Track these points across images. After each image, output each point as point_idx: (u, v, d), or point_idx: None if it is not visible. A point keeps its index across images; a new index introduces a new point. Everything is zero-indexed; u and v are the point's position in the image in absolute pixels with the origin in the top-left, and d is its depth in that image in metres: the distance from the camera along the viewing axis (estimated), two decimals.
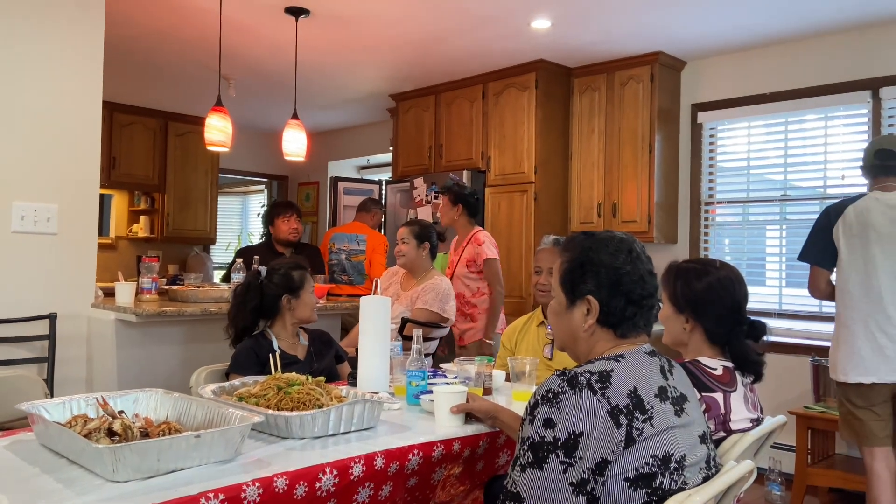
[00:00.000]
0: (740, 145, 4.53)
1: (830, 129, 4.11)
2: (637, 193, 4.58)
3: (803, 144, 4.24)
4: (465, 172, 5.06)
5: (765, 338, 1.91)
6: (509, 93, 4.96)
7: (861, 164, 2.94)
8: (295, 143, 3.98)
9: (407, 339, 2.90)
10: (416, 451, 1.68)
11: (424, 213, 5.23)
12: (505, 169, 4.99)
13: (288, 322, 2.52)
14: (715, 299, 1.86)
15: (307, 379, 1.84)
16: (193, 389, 2.38)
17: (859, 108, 3.98)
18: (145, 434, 1.48)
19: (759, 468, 3.86)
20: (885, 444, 2.84)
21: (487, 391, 2.26)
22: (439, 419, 1.86)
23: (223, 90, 5.01)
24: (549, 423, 1.28)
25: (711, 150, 4.65)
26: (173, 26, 4.23)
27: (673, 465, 1.31)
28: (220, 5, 3.75)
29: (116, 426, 1.47)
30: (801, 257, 3.01)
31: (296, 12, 3.86)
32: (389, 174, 6.28)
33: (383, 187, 6.70)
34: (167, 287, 3.66)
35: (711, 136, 4.65)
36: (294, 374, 1.88)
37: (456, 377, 2.32)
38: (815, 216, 2.96)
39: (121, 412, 1.61)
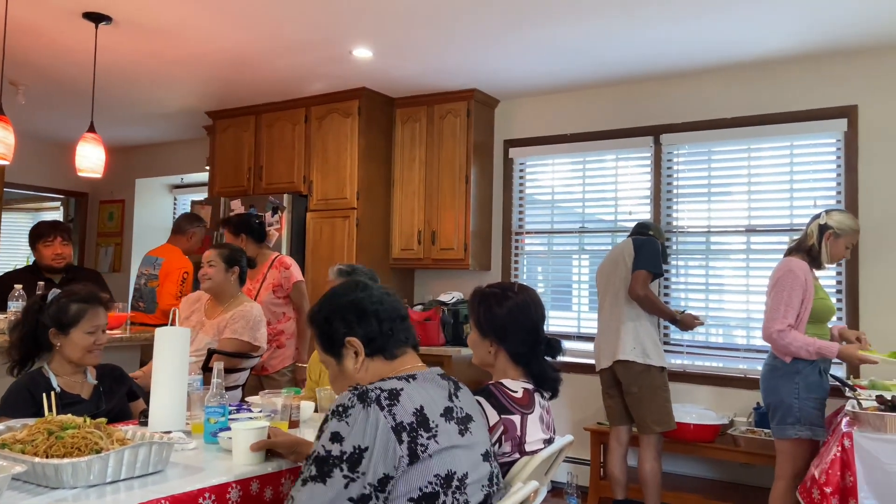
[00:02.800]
0: (546, 180, 4.89)
1: (621, 168, 4.57)
2: (455, 222, 4.76)
3: (599, 182, 4.67)
4: (286, 196, 4.95)
5: (560, 356, 2.07)
6: (332, 118, 4.96)
7: None
8: (90, 159, 3.65)
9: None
10: (207, 495, 1.59)
11: None
12: (328, 194, 4.96)
13: (66, 358, 2.27)
14: (515, 323, 1.98)
15: (85, 420, 1.67)
16: None
17: (644, 152, 4.46)
18: None
19: (558, 483, 4.13)
20: (620, 423, 3.59)
21: (294, 424, 2.20)
22: (237, 457, 1.78)
23: (10, 96, 4.51)
24: (336, 437, 1.32)
25: (521, 184, 4.97)
26: None
27: (455, 483, 1.37)
28: (6, 5, 3.38)
29: None
30: None
31: (96, 18, 3.57)
32: (205, 194, 5.97)
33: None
34: None
35: (521, 170, 4.97)
36: (70, 415, 1.70)
37: (261, 411, 2.23)
38: (608, 247, 3.41)
39: None
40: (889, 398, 2.50)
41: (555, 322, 4.70)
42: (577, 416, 4.45)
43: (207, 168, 5.79)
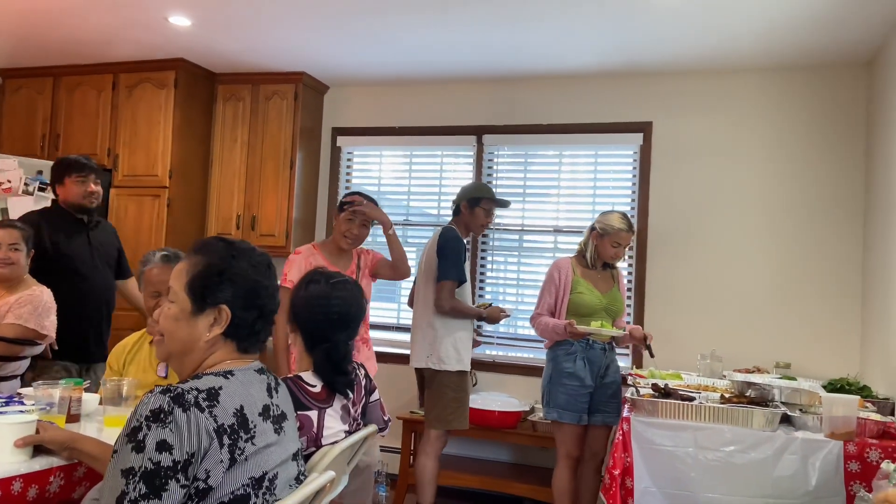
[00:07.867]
0: (373, 171, 4.89)
1: (446, 165, 4.70)
2: (277, 208, 4.61)
3: (425, 176, 4.76)
4: None
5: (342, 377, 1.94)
6: (144, 88, 4.58)
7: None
8: None
9: None
10: None
11: (22, 205, 4.43)
12: (136, 170, 4.58)
13: None
14: (309, 312, 1.93)
15: None
16: None
17: (467, 150, 4.62)
18: None
19: None
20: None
21: (74, 418, 2.01)
22: None
23: None
24: (163, 446, 1.20)
25: (349, 173, 4.93)
26: None
27: (266, 484, 1.34)
28: None
29: None
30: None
31: None
32: None
33: None
34: None
35: (349, 159, 4.93)
36: None
37: (35, 403, 2.01)
38: None
39: None
40: (662, 386, 2.80)
41: (376, 313, 4.72)
42: (391, 405, 4.49)
43: None
